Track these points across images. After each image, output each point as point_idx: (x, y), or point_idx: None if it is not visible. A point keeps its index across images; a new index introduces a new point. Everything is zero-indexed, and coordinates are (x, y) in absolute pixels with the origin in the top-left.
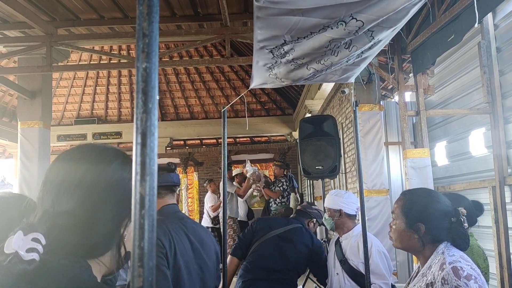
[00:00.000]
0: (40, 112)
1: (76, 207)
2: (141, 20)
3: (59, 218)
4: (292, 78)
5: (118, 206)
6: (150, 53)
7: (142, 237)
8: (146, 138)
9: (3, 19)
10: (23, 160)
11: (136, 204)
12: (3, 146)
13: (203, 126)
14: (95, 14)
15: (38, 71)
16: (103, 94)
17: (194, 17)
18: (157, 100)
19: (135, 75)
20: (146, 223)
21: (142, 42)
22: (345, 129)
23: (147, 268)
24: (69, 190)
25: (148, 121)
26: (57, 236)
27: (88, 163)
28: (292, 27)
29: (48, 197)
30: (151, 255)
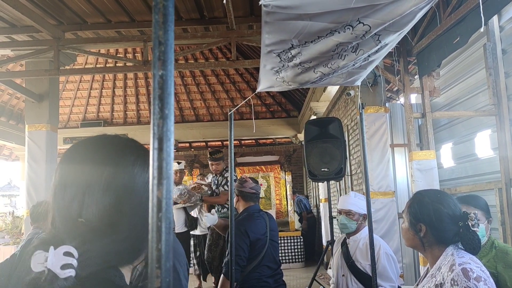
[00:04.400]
0: (47, 115)
1: (105, 215)
2: (157, 29)
3: (89, 227)
4: (299, 82)
5: (145, 207)
6: (166, 60)
7: (160, 239)
8: (163, 143)
9: (11, 23)
10: (31, 163)
11: (153, 207)
12: (9, 149)
13: (208, 128)
14: (102, 18)
15: (45, 75)
16: (109, 97)
17: (200, 21)
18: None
19: (152, 82)
20: (163, 226)
21: (158, 50)
22: (351, 131)
23: (165, 269)
24: (97, 196)
25: (164, 127)
26: (90, 247)
27: (112, 164)
28: (300, 32)
29: (74, 203)
30: (168, 256)
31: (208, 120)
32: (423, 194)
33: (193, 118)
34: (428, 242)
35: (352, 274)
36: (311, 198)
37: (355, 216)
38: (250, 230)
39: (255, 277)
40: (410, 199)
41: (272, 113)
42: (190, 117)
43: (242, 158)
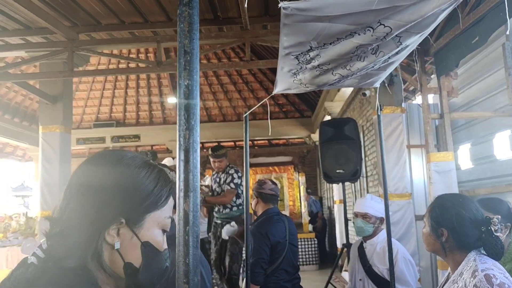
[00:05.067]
0: (61, 116)
1: (68, 216)
2: (182, 38)
3: (62, 223)
4: (317, 84)
5: (103, 206)
6: (192, 70)
7: (187, 253)
8: (189, 154)
9: (25, 25)
10: (44, 164)
11: (180, 221)
12: (23, 150)
13: (221, 128)
14: (115, 19)
15: (60, 77)
16: (122, 97)
17: (214, 21)
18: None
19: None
20: (191, 240)
21: (184, 59)
22: (366, 131)
23: (193, 284)
24: (67, 196)
25: (191, 138)
26: (59, 242)
27: (93, 167)
28: (319, 33)
29: (62, 203)
30: (196, 271)
31: (221, 121)
32: (445, 198)
33: (206, 118)
34: (450, 247)
35: (370, 279)
36: (324, 200)
37: (372, 219)
38: (271, 233)
39: (273, 281)
40: (431, 203)
41: (285, 114)
42: (202, 118)
43: (255, 159)
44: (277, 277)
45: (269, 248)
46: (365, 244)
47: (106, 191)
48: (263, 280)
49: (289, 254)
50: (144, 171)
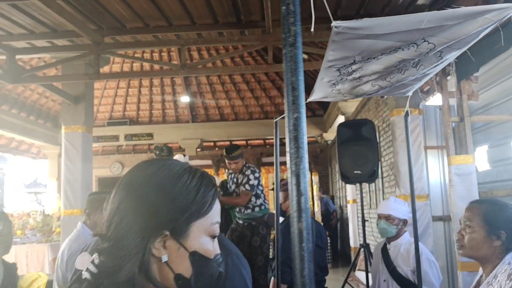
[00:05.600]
0: (83, 116)
1: (114, 232)
2: (289, 75)
3: (110, 238)
4: (356, 94)
5: (147, 220)
6: (299, 104)
7: (303, 267)
8: (300, 179)
9: (52, 28)
10: (67, 163)
11: (295, 238)
12: (37, 147)
13: (233, 127)
14: (140, 22)
15: (86, 79)
16: (135, 96)
17: (236, 24)
18: (306, 146)
19: (287, 125)
20: (306, 255)
21: (292, 95)
22: (382, 132)
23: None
24: (110, 210)
25: (301, 165)
26: (109, 257)
27: (132, 181)
28: (365, 49)
29: (107, 221)
30: (311, 282)
31: (233, 119)
32: (492, 202)
33: (218, 117)
34: (501, 250)
35: (394, 280)
36: (336, 199)
37: (395, 221)
38: None
39: None
40: (474, 208)
41: None
42: (214, 116)
43: (268, 158)
44: None
45: None
46: (388, 246)
47: (147, 204)
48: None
49: (316, 255)
50: (184, 178)
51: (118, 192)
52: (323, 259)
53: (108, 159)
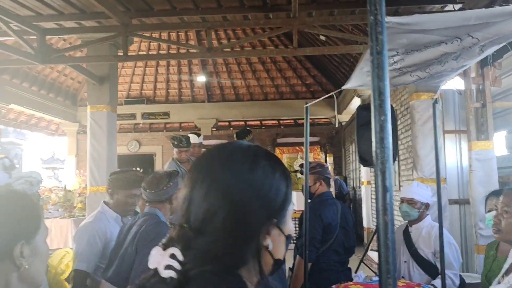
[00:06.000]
0: (108, 96)
1: (202, 220)
2: (376, 81)
3: (189, 232)
4: (394, 83)
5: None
6: (385, 108)
7: (388, 255)
8: (385, 177)
9: (81, 9)
10: (93, 142)
11: (381, 229)
12: (56, 124)
13: (248, 108)
14: (168, 5)
15: (114, 60)
16: (152, 75)
17: (262, 8)
18: (391, 146)
19: (373, 126)
20: (390, 245)
21: (379, 99)
22: (400, 116)
23: (393, 278)
24: (198, 200)
25: (386, 164)
26: (197, 251)
27: (233, 172)
28: (410, 43)
29: (184, 204)
30: (395, 268)
31: (248, 100)
32: None
33: (233, 97)
34: None
35: (415, 261)
36: (349, 180)
37: (417, 204)
38: (324, 215)
39: (324, 260)
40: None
41: (312, 93)
42: (230, 96)
43: (283, 139)
44: (328, 257)
45: (322, 229)
46: (410, 228)
47: (256, 194)
48: (315, 258)
49: (340, 236)
50: (279, 168)
51: (214, 180)
52: (348, 240)
53: (125, 137)
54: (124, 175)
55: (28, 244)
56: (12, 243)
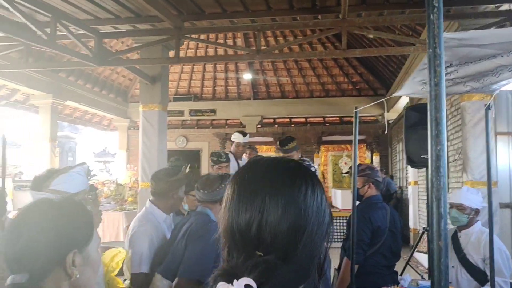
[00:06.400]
0: (159, 96)
1: (280, 246)
2: (433, 112)
3: (264, 259)
4: (446, 93)
5: (316, 234)
6: (442, 137)
7: (440, 279)
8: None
9: (136, 13)
10: (144, 139)
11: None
12: (108, 120)
13: (294, 105)
14: (219, 8)
15: (167, 63)
16: (200, 73)
17: (310, 9)
18: (446, 175)
19: (430, 155)
20: (443, 269)
21: (436, 129)
22: (450, 116)
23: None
24: (273, 225)
25: (441, 192)
26: (267, 280)
27: (287, 192)
28: (465, 56)
29: (252, 228)
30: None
31: (294, 97)
32: None
33: (279, 94)
34: None
35: (463, 267)
36: (396, 179)
37: (467, 210)
38: (373, 218)
39: (371, 263)
40: None
41: (358, 91)
42: (276, 94)
43: (328, 137)
44: (375, 260)
45: (370, 232)
46: (459, 234)
47: (320, 214)
48: (363, 261)
49: (388, 240)
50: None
51: (281, 204)
52: (395, 244)
53: (173, 133)
54: (181, 178)
55: (80, 253)
56: (65, 252)
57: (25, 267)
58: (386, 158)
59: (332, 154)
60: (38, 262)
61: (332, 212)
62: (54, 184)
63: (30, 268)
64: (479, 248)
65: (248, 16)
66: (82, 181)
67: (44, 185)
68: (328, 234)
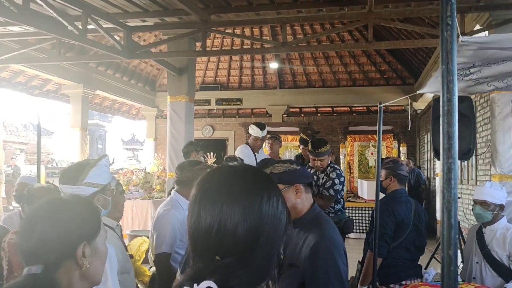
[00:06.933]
0: (186, 87)
1: (238, 250)
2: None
3: (224, 263)
4: (470, 92)
5: (273, 237)
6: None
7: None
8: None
9: (164, 7)
10: (172, 130)
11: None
12: (136, 109)
13: (320, 94)
14: (244, 1)
15: (194, 55)
16: (226, 62)
17: (336, 2)
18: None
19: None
20: (453, 276)
21: (447, 143)
22: (479, 107)
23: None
24: (230, 231)
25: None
26: (226, 282)
27: (244, 201)
28: (487, 58)
29: (211, 236)
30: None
31: (320, 86)
32: None
33: (305, 84)
34: None
35: (487, 263)
36: (423, 170)
37: (491, 206)
38: (397, 212)
39: (394, 256)
40: None
41: (386, 80)
42: (302, 83)
43: (355, 127)
44: (398, 253)
45: (394, 225)
46: (484, 230)
47: (277, 217)
48: (386, 254)
49: (412, 234)
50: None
51: (238, 210)
52: (419, 238)
53: (200, 122)
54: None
55: (89, 245)
56: (76, 244)
57: (40, 259)
58: (414, 148)
59: (358, 144)
60: (51, 255)
61: (357, 202)
62: (89, 177)
63: (44, 260)
64: (504, 244)
65: (273, 9)
66: (108, 172)
67: (79, 179)
68: (286, 234)
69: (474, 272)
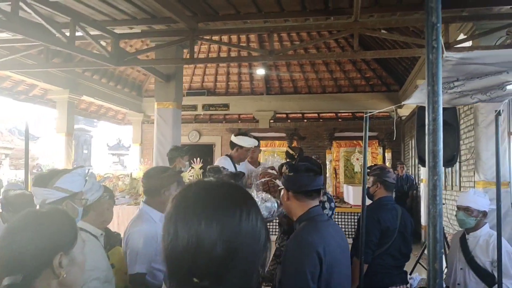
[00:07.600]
0: (173, 94)
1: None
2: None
3: (200, 285)
4: (454, 104)
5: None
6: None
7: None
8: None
9: (151, 15)
10: (159, 136)
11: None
12: (123, 114)
13: (306, 100)
14: (232, 9)
15: (182, 63)
16: (213, 67)
17: (323, 11)
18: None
19: (428, 184)
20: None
21: (433, 161)
22: (463, 115)
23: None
24: (206, 250)
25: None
26: None
27: (220, 219)
28: (470, 72)
29: (186, 256)
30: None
31: (306, 92)
32: None
33: (292, 90)
34: None
35: (471, 269)
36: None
37: (474, 212)
38: (382, 219)
39: (379, 263)
40: None
41: (371, 87)
42: (288, 89)
43: (341, 133)
44: (383, 260)
45: (379, 232)
46: (467, 236)
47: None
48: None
49: (397, 241)
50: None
51: (213, 229)
52: (405, 245)
53: (186, 127)
54: (173, 173)
55: (66, 255)
56: (52, 255)
57: (18, 269)
58: (399, 154)
59: (344, 150)
60: (29, 265)
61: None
62: (60, 182)
63: (23, 270)
64: (487, 251)
65: (261, 18)
66: (82, 182)
67: (50, 183)
68: (266, 250)
69: (459, 278)
